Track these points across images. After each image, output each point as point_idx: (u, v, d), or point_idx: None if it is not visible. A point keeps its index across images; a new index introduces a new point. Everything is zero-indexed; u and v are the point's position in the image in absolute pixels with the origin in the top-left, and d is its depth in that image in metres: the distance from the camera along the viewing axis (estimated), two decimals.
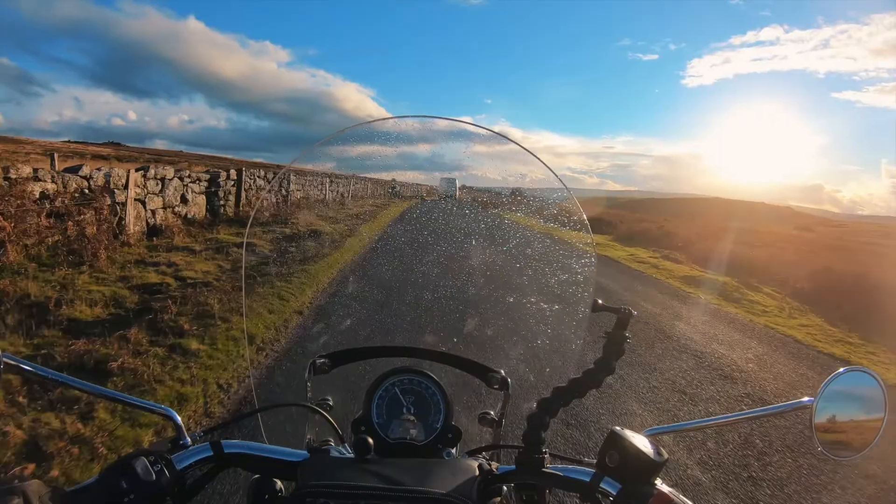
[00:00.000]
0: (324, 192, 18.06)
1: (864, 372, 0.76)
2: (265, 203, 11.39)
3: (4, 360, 0.69)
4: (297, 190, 15.55)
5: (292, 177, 14.26)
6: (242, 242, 3.45)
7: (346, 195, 19.80)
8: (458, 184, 1.73)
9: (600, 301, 0.79)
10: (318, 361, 1.08)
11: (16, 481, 0.57)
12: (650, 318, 6.60)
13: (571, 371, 0.81)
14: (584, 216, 1.10)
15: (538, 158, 1.12)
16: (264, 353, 3.88)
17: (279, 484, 0.81)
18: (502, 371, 1.06)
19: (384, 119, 1.14)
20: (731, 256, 12.92)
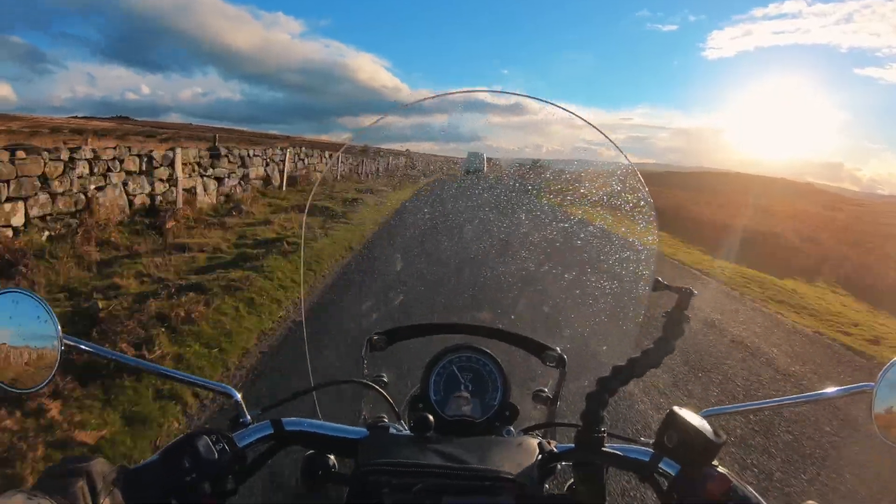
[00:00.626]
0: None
1: None
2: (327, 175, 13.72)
3: (65, 341, 0.70)
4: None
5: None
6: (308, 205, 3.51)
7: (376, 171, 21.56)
8: (485, 157, 1.63)
9: (661, 280, 0.76)
10: (374, 338, 1.08)
11: (79, 462, 0.56)
12: None
13: (630, 350, 0.79)
14: (647, 191, 1.06)
15: (593, 126, 1.07)
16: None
17: (332, 460, 0.81)
18: (558, 349, 1.05)
19: (435, 96, 1.09)
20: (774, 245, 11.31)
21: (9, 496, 0.47)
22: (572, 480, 0.76)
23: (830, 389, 0.77)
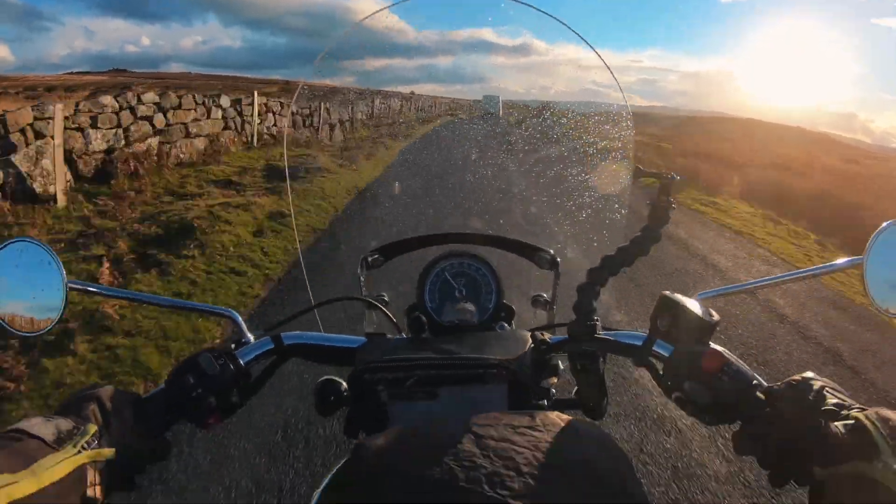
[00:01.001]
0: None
1: None
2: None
3: (70, 285, 0.72)
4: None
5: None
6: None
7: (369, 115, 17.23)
8: (500, 100, 1.57)
9: (641, 167, 0.76)
10: (369, 257, 1.08)
11: (93, 388, 0.60)
12: None
13: (619, 240, 0.80)
14: (619, 85, 1.04)
15: (590, 46, 1.05)
16: None
17: (344, 385, 0.84)
18: (551, 251, 1.06)
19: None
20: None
21: (30, 419, 0.51)
22: (576, 388, 0.78)
23: (822, 265, 0.77)
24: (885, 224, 0.71)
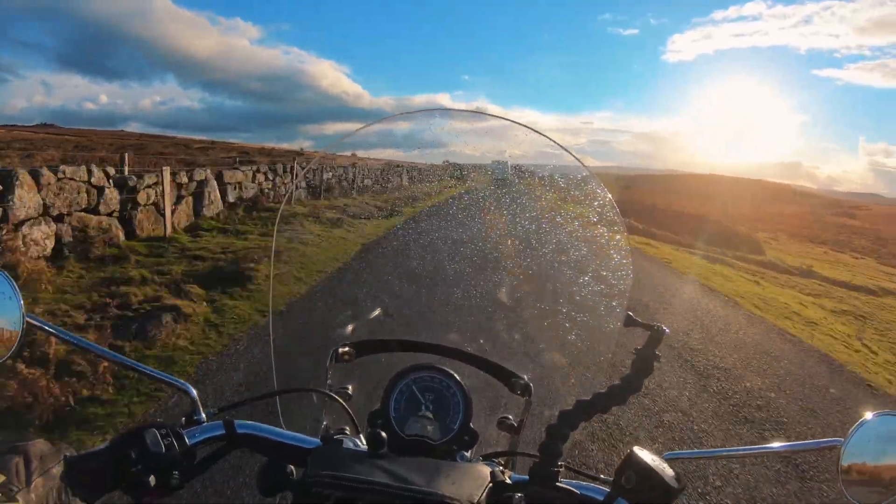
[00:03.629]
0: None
1: None
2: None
3: (27, 319, 0.71)
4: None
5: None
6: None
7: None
8: (509, 164, 1.57)
9: (633, 315, 0.76)
10: (340, 350, 1.07)
11: (20, 441, 0.55)
12: None
13: (597, 385, 0.80)
14: (622, 226, 1.07)
15: (558, 144, 1.09)
16: None
17: (292, 469, 0.79)
18: (526, 377, 1.05)
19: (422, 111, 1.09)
20: None
21: None
22: None
23: (799, 442, 0.77)
24: (871, 415, 0.72)
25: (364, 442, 0.87)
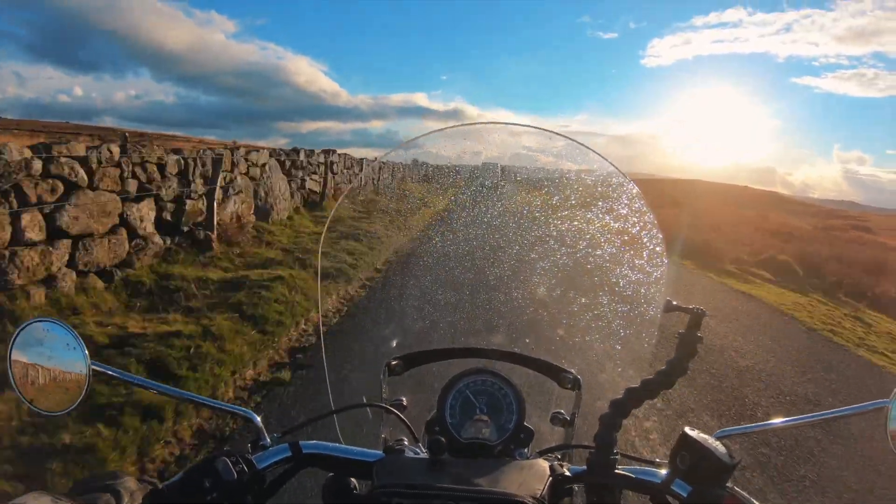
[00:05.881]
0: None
1: None
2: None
3: (93, 367, 0.74)
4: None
5: None
6: None
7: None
8: (499, 167, 1.59)
9: (672, 301, 0.77)
10: (392, 363, 1.11)
11: (109, 478, 0.59)
12: None
13: (644, 371, 0.81)
14: (651, 214, 1.09)
15: (597, 153, 1.11)
16: None
17: (354, 482, 0.82)
18: (573, 371, 1.07)
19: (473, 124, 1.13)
20: None
21: (37, 496, 0.50)
22: None
23: (846, 407, 0.77)
24: None
25: (423, 450, 0.91)
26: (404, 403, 1.07)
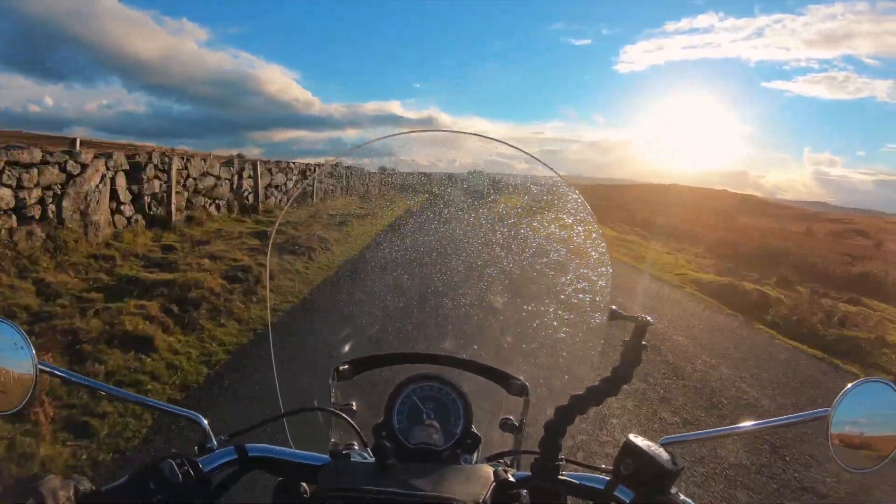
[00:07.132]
0: None
1: (885, 384, 0.74)
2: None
3: (39, 366, 0.73)
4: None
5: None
6: None
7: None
8: (484, 175, 1.58)
9: (616, 309, 0.79)
10: (341, 367, 1.10)
11: (30, 482, 0.58)
12: None
13: (589, 379, 0.84)
14: (596, 224, 1.13)
15: (553, 169, 1.14)
16: None
17: (305, 486, 0.82)
18: (522, 377, 1.08)
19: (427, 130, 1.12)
20: None
21: None
22: None
23: (789, 416, 0.79)
24: (859, 381, 0.73)
25: (371, 454, 0.90)
26: (354, 408, 1.06)
